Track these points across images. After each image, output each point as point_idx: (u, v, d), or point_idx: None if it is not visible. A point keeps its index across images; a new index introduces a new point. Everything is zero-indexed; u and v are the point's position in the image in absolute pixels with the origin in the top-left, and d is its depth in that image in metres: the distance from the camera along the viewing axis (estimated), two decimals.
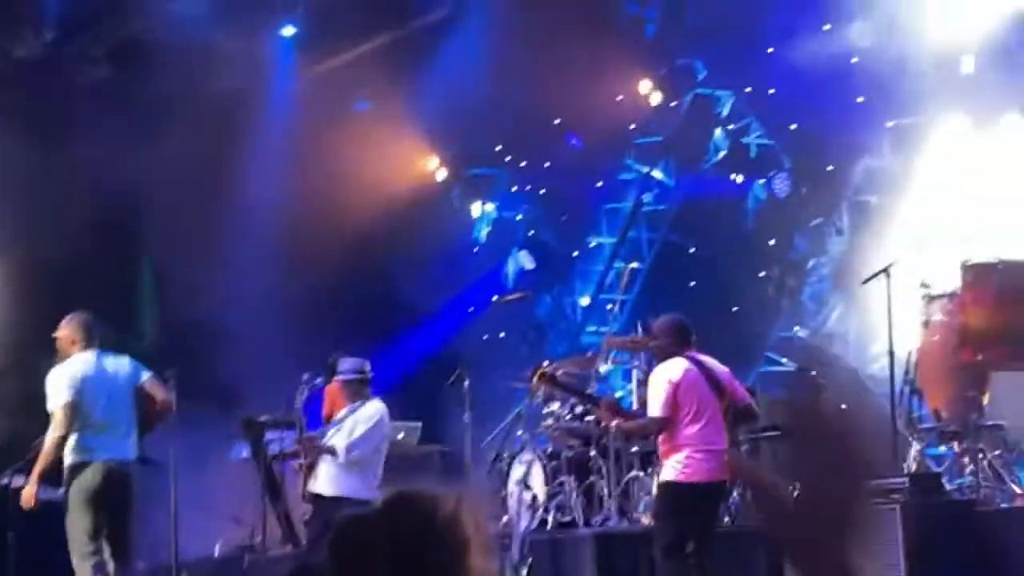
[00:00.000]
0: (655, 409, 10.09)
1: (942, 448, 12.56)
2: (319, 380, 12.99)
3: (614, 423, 11.08)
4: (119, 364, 11.59)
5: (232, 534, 15.74)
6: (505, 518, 13.19)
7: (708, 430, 10.04)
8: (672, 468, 10.01)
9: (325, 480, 12.29)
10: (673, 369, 10.14)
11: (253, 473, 15.21)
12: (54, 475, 15.12)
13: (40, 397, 11.66)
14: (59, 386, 11.27)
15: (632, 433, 11.49)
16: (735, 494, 12.08)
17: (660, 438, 10.19)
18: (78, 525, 11.23)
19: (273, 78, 19.59)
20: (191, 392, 13.64)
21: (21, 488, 14.73)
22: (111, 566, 11.22)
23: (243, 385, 16.76)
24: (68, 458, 11.26)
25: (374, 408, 12.36)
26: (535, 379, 12.24)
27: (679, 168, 20.12)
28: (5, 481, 14.88)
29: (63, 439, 11.19)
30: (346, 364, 12.53)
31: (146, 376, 11.62)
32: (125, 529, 11.43)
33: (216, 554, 16.04)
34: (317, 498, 12.41)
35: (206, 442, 15.94)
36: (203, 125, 17.90)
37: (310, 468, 12.47)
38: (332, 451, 12.16)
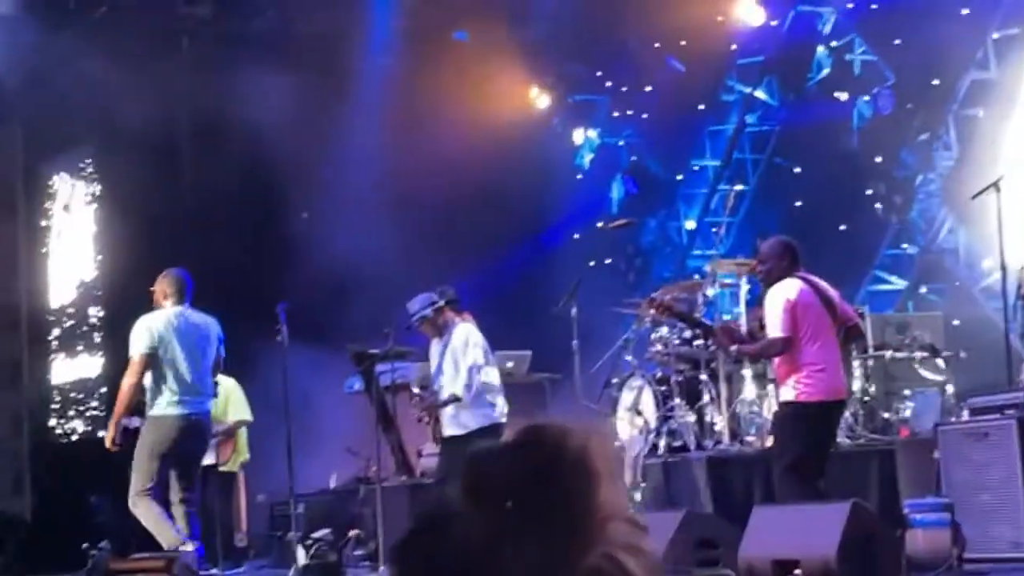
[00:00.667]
0: (776, 329, 10.04)
1: None
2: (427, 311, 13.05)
3: (733, 348, 11.03)
4: (206, 321, 11.84)
5: (347, 466, 15.94)
6: (617, 444, 13.25)
7: (825, 349, 10.01)
8: (792, 388, 9.98)
9: (452, 422, 12.35)
10: (789, 289, 10.09)
11: (366, 405, 15.37)
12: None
13: None
14: (140, 335, 11.54)
15: (755, 355, 11.43)
16: (847, 413, 12.03)
17: (778, 359, 10.16)
18: (146, 468, 11.59)
19: (372, 13, 19.64)
20: (302, 326, 13.80)
21: (137, 428, 15.08)
22: (178, 506, 11.59)
23: (354, 318, 16.91)
24: (150, 407, 11.54)
25: (463, 334, 12.34)
26: (648, 307, 12.23)
27: (782, 88, 19.94)
28: (137, 423, 15.22)
29: (136, 386, 11.45)
30: (414, 304, 12.48)
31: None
32: (194, 475, 11.79)
33: (332, 486, 16.27)
34: (452, 439, 12.44)
35: (319, 375, 16.16)
36: (305, 64, 18.03)
37: (431, 417, 12.52)
38: (454, 399, 12.20)
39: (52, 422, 22.28)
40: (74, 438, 21.95)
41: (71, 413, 21.97)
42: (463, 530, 1.42)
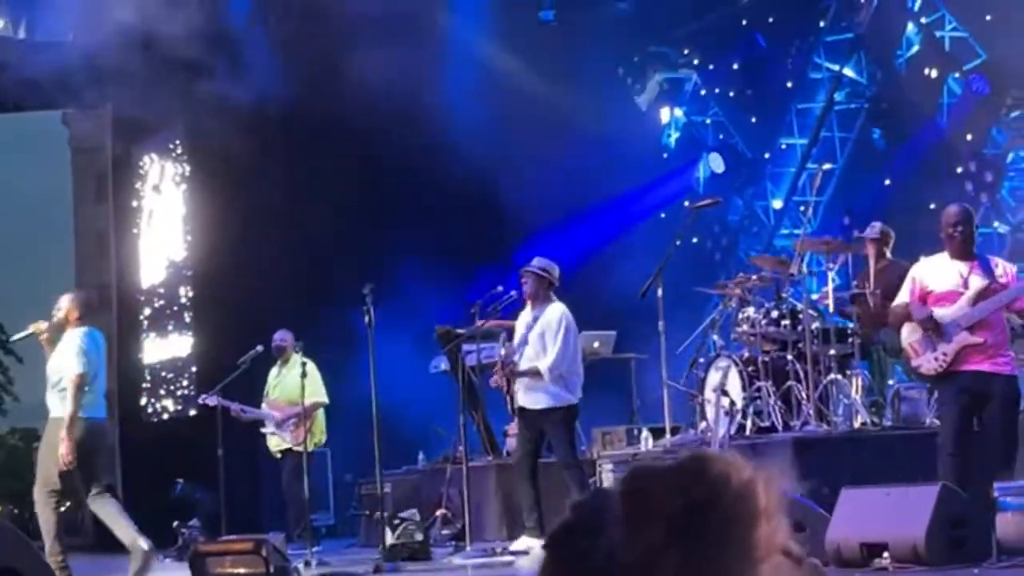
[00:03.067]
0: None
1: None
2: (512, 293, 13.08)
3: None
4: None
5: (433, 446, 16.01)
6: (703, 425, 13.22)
7: None
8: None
9: (530, 394, 12.47)
10: None
11: (452, 385, 15.42)
12: (249, 391, 15.60)
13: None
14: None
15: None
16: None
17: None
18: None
19: None
20: (388, 307, 13.87)
21: (228, 408, 15.25)
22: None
23: (436, 298, 16.97)
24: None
25: (558, 313, 12.44)
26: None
27: (870, 65, 19.76)
28: (209, 400, 15.38)
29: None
30: (536, 260, 12.67)
31: None
32: None
33: (419, 465, 16.34)
34: (524, 411, 12.59)
35: (405, 355, 16.23)
36: (397, 42, 18.08)
37: (510, 385, 12.64)
38: (536, 373, 12.34)
39: (143, 401, 22.52)
40: (164, 417, 22.17)
41: (161, 392, 22.19)
42: (619, 540, 1.43)
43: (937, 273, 10.28)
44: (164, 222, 22.27)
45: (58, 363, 11.48)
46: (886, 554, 8.71)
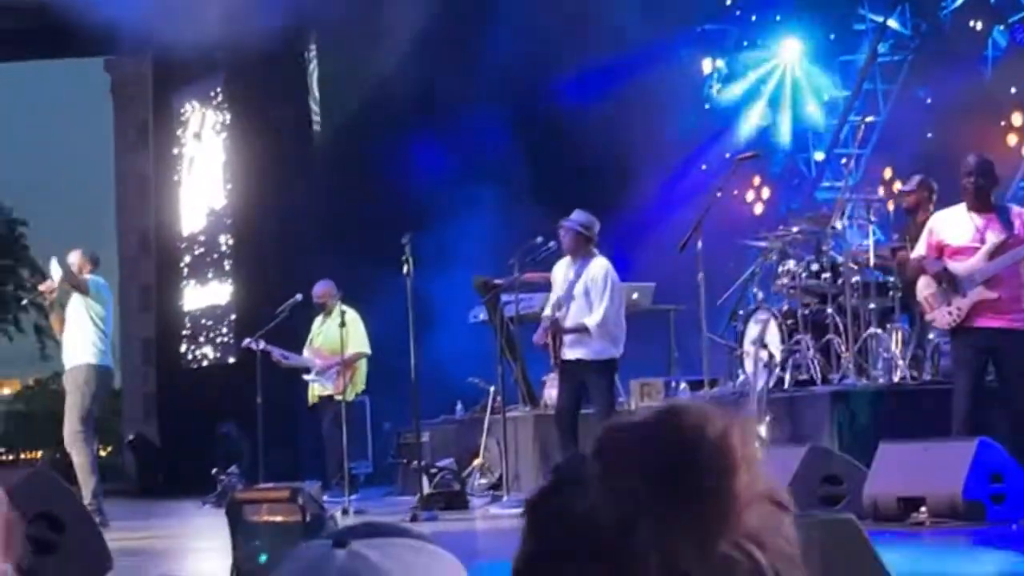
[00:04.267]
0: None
1: None
2: (552, 244, 13.06)
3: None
4: None
5: (471, 396, 16.04)
6: (742, 377, 13.20)
7: None
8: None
9: (575, 348, 12.43)
10: None
11: (490, 335, 15.43)
12: (287, 340, 15.67)
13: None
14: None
15: None
16: None
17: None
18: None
19: None
20: (427, 257, 13.88)
21: (267, 352, 15.31)
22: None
23: (477, 249, 16.96)
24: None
25: (603, 269, 12.39)
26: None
27: (915, 17, 19.58)
28: (253, 344, 15.44)
29: None
30: (575, 214, 12.61)
31: None
32: None
33: (457, 415, 16.39)
34: (566, 363, 12.56)
35: (444, 305, 16.24)
36: None
37: (554, 340, 12.60)
38: (583, 329, 12.28)
39: (183, 348, 22.64)
40: (204, 364, 22.29)
41: (201, 339, 22.30)
42: (597, 499, 1.42)
43: (953, 225, 10.21)
44: (204, 170, 22.33)
45: (81, 312, 11.82)
46: (923, 508, 8.69)
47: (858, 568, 3.22)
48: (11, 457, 52.02)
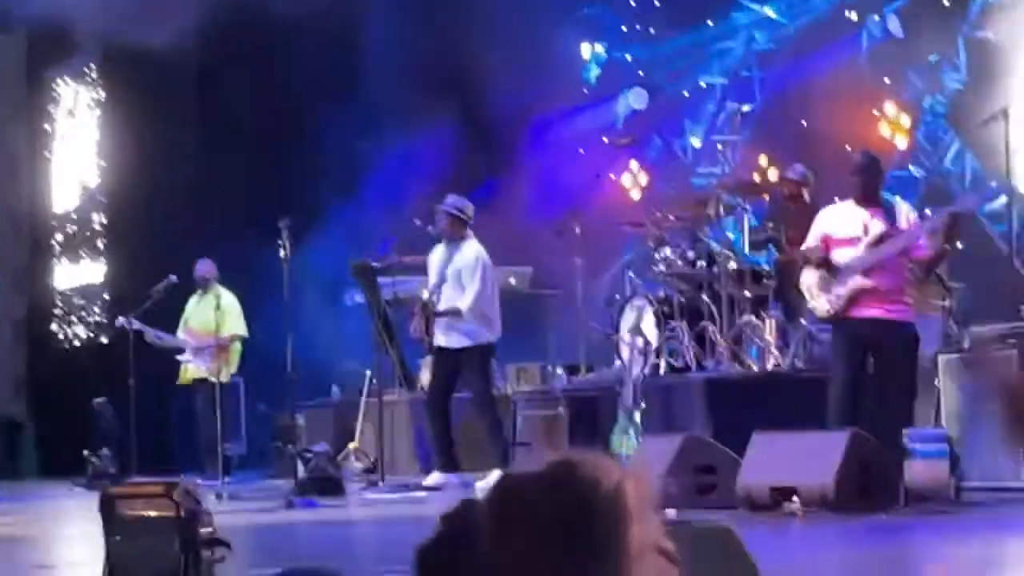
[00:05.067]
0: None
1: None
2: (429, 227, 13.05)
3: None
4: None
5: (348, 378, 15.98)
6: (618, 363, 13.27)
7: None
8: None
9: (449, 334, 12.48)
10: None
11: (366, 318, 15.38)
12: (161, 320, 15.51)
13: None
14: None
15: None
16: None
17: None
18: None
19: None
20: (305, 238, 13.80)
21: (140, 332, 15.15)
22: None
23: (355, 230, 16.90)
24: None
25: (473, 252, 12.47)
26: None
27: (792, 5, 19.76)
28: (126, 324, 15.26)
29: None
30: (449, 198, 12.67)
31: None
32: None
33: (333, 398, 16.32)
34: (441, 350, 12.60)
35: (321, 288, 16.16)
36: None
37: (429, 325, 12.63)
38: (455, 312, 12.35)
39: (54, 327, 22.32)
40: (76, 343, 21.99)
41: (73, 319, 22.00)
42: (490, 551, 1.41)
43: (841, 219, 10.34)
44: (78, 147, 22.00)
45: None
46: (795, 498, 8.80)
47: (736, 574, 3.25)
48: None
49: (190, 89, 19.61)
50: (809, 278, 10.34)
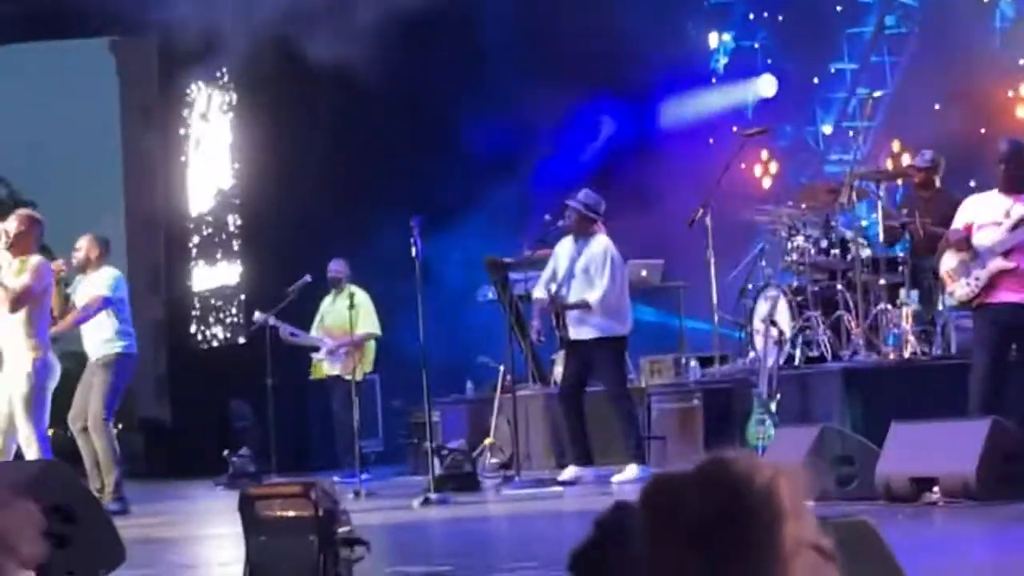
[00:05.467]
0: None
1: None
2: (560, 223, 13.04)
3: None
4: None
5: (482, 374, 16.03)
6: (752, 354, 13.18)
7: None
8: None
9: (580, 327, 12.51)
10: None
11: (500, 314, 15.42)
12: (295, 320, 15.67)
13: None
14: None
15: None
16: None
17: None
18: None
19: None
20: (437, 237, 13.86)
21: (276, 328, 15.33)
22: None
23: (484, 227, 16.96)
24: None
25: (602, 246, 12.48)
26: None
27: None
28: (261, 320, 15.45)
29: None
30: (580, 193, 12.68)
31: None
32: None
33: (467, 394, 16.38)
34: (573, 343, 12.63)
35: (454, 285, 16.23)
36: None
37: (558, 317, 12.66)
38: (585, 305, 12.39)
39: (192, 329, 22.64)
40: (214, 344, 22.29)
41: (210, 320, 22.30)
42: (643, 552, 1.40)
43: (985, 207, 10.19)
44: (212, 150, 22.30)
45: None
46: (936, 488, 8.67)
47: (875, 571, 3.21)
48: None
49: (322, 90, 19.76)
50: (949, 262, 10.20)
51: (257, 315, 15.75)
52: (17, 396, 10.54)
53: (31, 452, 10.48)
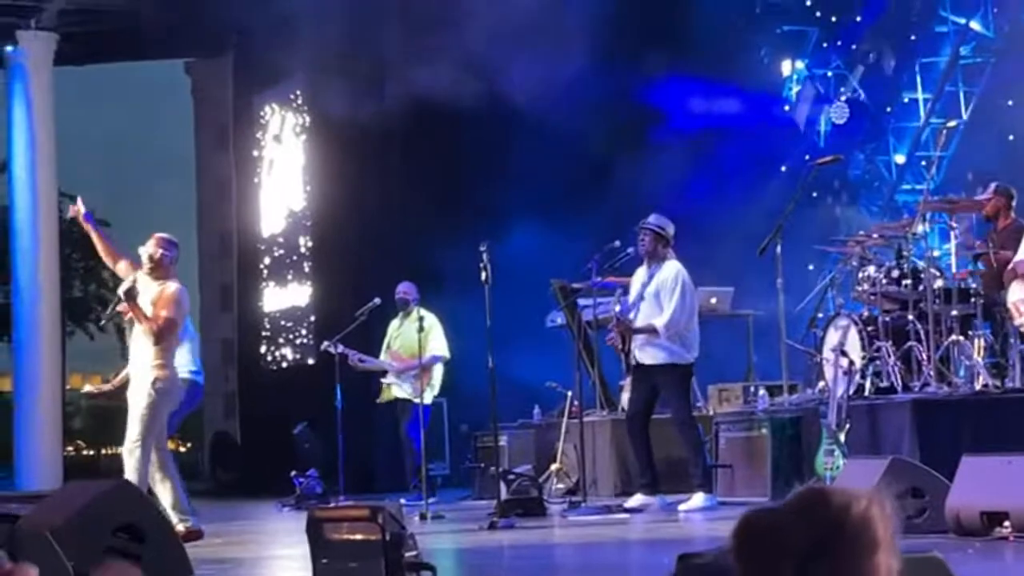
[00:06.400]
0: None
1: None
2: (630, 249, 13.03)
3: None
4: None
5: (549, 400, 16.03)
6: (822, 384, 13.10)
7: None
8: None
9: (647, 350, 12.47)
10: None
11: (568, 339, 15.41)
12: (363, 343, 15.72)
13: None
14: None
15: None
16: None
17: None
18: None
19: None
20: (506, 261, 13.87)
21: (346, 355, 15.37)
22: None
23: (554, 252, 16.96)
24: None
25: (674, 271, 12.43)
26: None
27: (998, 18, 19.38)
28: (331, 348, 15.51)
29: None
30: (652, 217, 12.66)
31: None
32: None
33: (534, 419, 16.38)
34: (639, 367, 12.60)
35: (522, 309, 16.24)
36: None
37: (624, 341, 12.65)
38: (652, 330, 12.35)
39: (263, 349, 22.76)
40: (284, 365, 22.40)
41: (281, 340, 22.42)
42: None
43: None
44: (284, 172, 22.45)
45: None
46: (1007, 523, 8.58)
47: None
48: (92, 452, 52.46)
49: (394, 113, 19.85)
50: (1016, 294, 10.11)
51: (325, 344, 15.82)
52: (137, 409, 10.69)
53: (131, 462, 10.55)
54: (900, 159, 20.34)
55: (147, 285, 10.86)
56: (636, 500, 12.53)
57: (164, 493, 10.73)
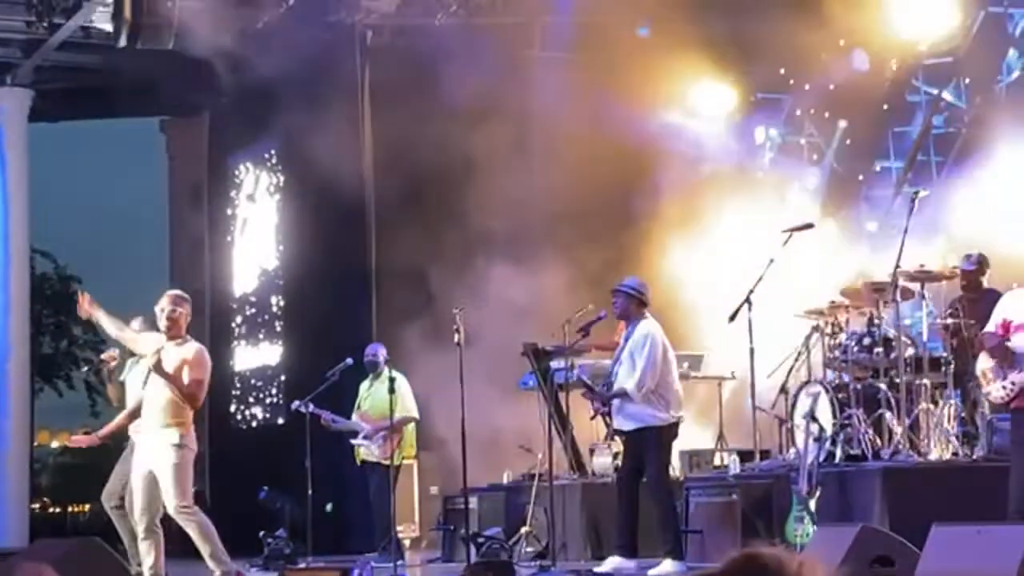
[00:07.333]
0: None
1: None
2: (603, 313, 13.06)
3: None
4: None
5: (520, 463, 16.00)
6: (792, 451, 13.12)
7: None
8: None
9: (621, 416, 12.41)
10: None
11: (540, 402, 15.41)
12: (334, 402, 15.69)
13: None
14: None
15: None
16: None
17: None
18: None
19: (552, 8, 19.74)
20: (477, 323, 13.88)
21: (317, 415, 15.34)
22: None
23: (526, 314, 16.98)
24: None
25: (644, 330, 12.36)
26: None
27: (970, 90, 19.53)
28: (302, 408, 15.47)
29: None
30: (628, 279, 12.66)
31: None
32: None
33: (505, 482, 16.35)
34: (619, 432, 12.56)
35: (494, 372, 16.23)
36: (488, 54, 18.14)
37: (601, 411, 12.61)
38: (624, 394, 12.25)
39: (232, 408, 22.69)
40: (253, 424, 22.33)
41: (251, 400, 22.35)
42: None
43: (1020, 302, 10.16)
44: (257, 231, 22.45)
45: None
46: None
47: None
48: (58, 510, 52.14)
49: (366, 174, 19.90)
50: (984, 363, 10.17)
51: (296, 403, 15.79)
52: (167, 472, 10.72)
53: (191, 525, 10.66)
54: (872, 227, 20.42)
55: (167, 347, 11.00)
56: (610, 563, 12.42)
57: (146, 554, 10.92)
